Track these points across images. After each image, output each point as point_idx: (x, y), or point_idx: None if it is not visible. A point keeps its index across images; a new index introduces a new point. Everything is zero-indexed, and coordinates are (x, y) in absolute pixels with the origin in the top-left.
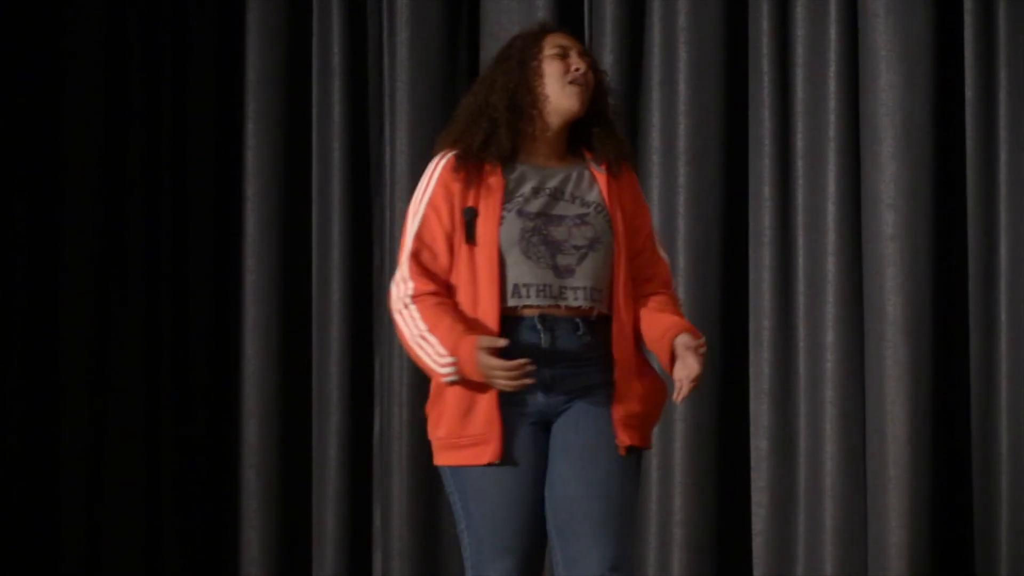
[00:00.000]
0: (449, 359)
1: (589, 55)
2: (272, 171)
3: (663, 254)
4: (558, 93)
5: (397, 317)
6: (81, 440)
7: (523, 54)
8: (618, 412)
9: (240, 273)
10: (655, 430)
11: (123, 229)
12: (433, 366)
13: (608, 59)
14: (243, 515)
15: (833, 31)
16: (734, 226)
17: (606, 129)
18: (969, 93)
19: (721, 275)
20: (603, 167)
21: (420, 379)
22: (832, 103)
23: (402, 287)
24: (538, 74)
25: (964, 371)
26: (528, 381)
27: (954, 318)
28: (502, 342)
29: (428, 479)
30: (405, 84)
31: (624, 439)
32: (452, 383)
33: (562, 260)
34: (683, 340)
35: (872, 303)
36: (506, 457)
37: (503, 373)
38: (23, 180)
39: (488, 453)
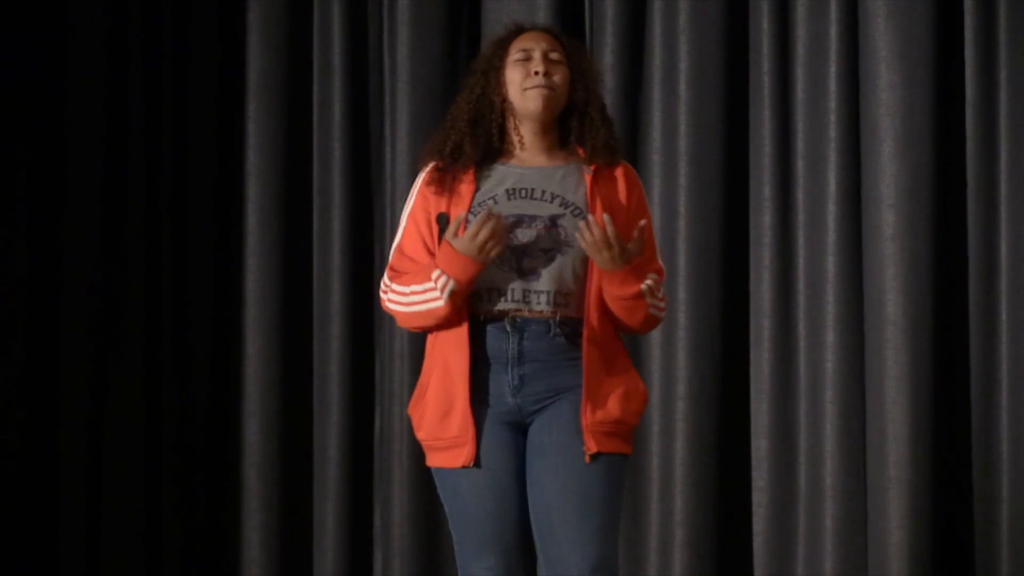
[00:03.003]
0: (433, 277)
1: (563, 50)
2: (273, 171)
3: (659, 265)
4: (519, 98)
5: (390, 306)
6: (81, 440)
7: (489, 63)
8: (587, 418)
9: (241, 273)
10: (653, 432)
11: (124, 228)
12: (433, 305)
13: (608, 59)
14: (243, 515)
15: (833, 31)
16: (734, 226)
17: (584, 123)
18: (969, 93)
19: (721, 275)
20: (592, 168)
21: None
22: (832, 103)
23: (386, 291)
24: (502, 82)
25: (964, 371)
26: (503, 221)
27: (954, 318)
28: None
29: (428, 479)
30: (406, 84)
31: (591, 446)
32: (452, 293)
33: (528, 263)
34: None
35: (872, 303)
36: (480, 459)
37: (482, 233)
38: (24, 180)
39: (463, 456)
